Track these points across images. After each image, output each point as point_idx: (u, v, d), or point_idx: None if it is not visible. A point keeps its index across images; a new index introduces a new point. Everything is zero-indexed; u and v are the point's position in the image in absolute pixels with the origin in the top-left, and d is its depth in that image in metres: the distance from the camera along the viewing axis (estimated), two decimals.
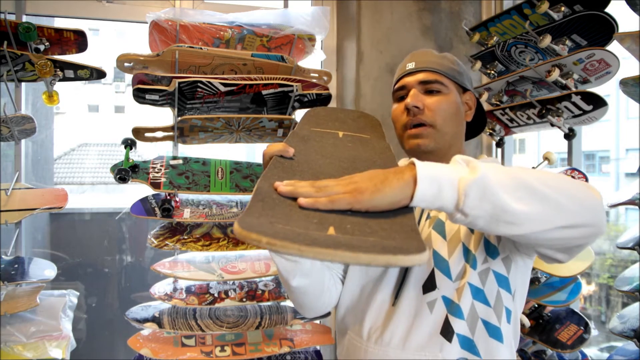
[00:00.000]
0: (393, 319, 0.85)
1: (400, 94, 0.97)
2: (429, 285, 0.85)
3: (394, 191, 0.62)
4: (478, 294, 0.83)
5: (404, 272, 0.87)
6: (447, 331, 0.82)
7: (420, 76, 0.94)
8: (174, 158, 1.56)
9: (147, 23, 1.51)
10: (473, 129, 1.09)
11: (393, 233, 0.57)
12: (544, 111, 1.31)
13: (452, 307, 0.83)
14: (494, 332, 0.83)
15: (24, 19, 1.62)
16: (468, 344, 0.82)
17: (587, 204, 0.68)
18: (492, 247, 0.86)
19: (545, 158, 1.23)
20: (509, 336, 0.85)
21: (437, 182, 0.62)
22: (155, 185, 1.48)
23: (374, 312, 0.87)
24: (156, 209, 1.48)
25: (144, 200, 1.52)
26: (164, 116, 1.66)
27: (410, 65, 0.96)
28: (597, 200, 0.69)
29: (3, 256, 1.50)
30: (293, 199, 0.63)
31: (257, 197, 0.63)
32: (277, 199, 0.63)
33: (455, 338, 0.82)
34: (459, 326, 0.82)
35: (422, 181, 0.62)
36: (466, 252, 0.85)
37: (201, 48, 1.46)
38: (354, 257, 0.48)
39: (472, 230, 0.87)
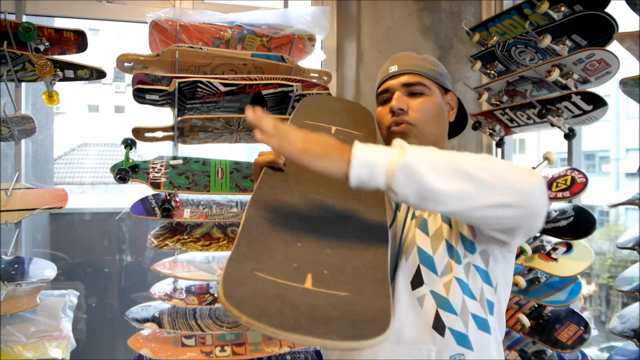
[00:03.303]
0: None
1: (384, 97, 0.99)
2: (417, 281, 0.88)
3: (330, 165, 0.69)
4: (465, 289, 0.87)
5: (393, 271, 0.90)
6: (438, 325, 0.84)
7: (403, 79, 0.96)
8: (174, 158, 1.56)
9: (147, 23, 1.51)
10: (456, 128, 1.11)
11: (364, 285, 0.63)
12: (544, 111, 1.31)
13: (441, 301, 0.85)
14: (483, 325, 0.86)
15: (24, 19, 1.62)
16: (463, 340, 0.85)
17: (518, 185, 0.71)
18: (468, 241, 0.89)
19: (545, 158, 1.23)
20: (494, 327, 0.89)
21: (369, 166, 0.68)
22: (155, 185, 1.48)
23: None
24: (156, 209, 1.48)
25: (144, 200, 1.52)
26: (164, 116, 1.66)
27: (393, 69, 0.98)
28: (532, 183, 0.72)
29: (3, 256, 1.50)
30: (278, 228, 0.70)
31: (245, 231, 0.67)
32: (262, 234, 0.68)
33: (448, 333, 0.84)
34: (451, 320, 0.85)
35: (355, 165, 0.68)
36: (449, 247, 0.88)
37: (201, 48, 1.46)
38: (321, 343, 0.52)
39: (450, 226, 0.90)
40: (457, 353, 0.84)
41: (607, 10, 1.21)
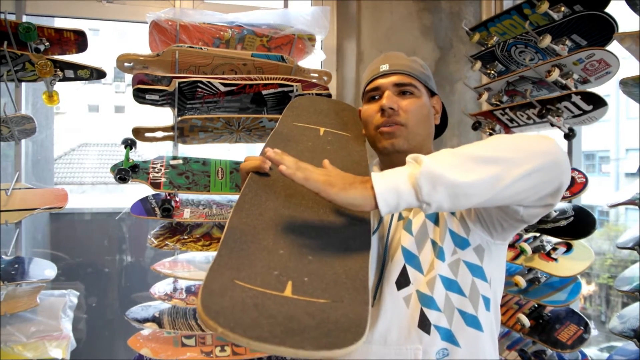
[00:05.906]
0: (373, 318, 0.87)
1: (372, 94, 0.98)
2: (403, 281, 0.88)
3: (356, 196, 0.69)
4: (451, 285, 0.87)
5: (380, 273, 0.90)
6: (424, 324, 0.85)
7: (395, 78, 0.96)
8: (174, 158, 1.56)
9: (147, 23, 1.51)
10: (437, 132, 1.11)
11: (343, 292, 0.63)
12: (544, 111, 1.31)
13: (425, 299, 0.86)
14: (472, 321, 0.86)
15: (24, 19, 1.62)
16: (447, 335, 0.85)
17: (536, 149, 0.72)
18: (459, 238, 0.89)
19: None
20: (488, 324, 0.88)
21: (393, 188, 0.69)
22: (155, 185, 1.48)
23: None
24: (156, 209, 1.48)
25: (144, 200, 1.52)
26: (164, 116, 1.66)
27: (384, 67, 0.97)
28: (546, 142, 0.73)
29: (3, 256, 1.50)
30: (261, 236, 0.70)
31: (227, 240, 0.68)
32: (245, 242, 0.69)
33: (433, 330, 0.85)
34: (435, 317, 0.85)
35: (379, 192, 0.68)
36: (434, 245, 0.89)
37: (201, 48, 1.46)
38: (294, 353, 0.52)
39: (436, 223, 0.90)
40: (441, 348, 0.84)
41: (607, 10, 1.21)
